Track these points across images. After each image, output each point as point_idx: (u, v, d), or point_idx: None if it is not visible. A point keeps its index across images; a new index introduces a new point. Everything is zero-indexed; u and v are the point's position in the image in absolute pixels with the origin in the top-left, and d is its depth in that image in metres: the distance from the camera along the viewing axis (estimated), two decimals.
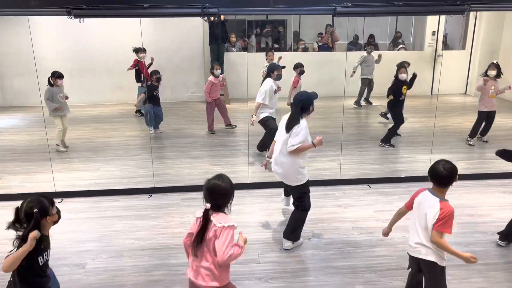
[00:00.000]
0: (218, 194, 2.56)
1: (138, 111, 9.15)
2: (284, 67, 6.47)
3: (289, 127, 3.89)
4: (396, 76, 7.00)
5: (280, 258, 3.96)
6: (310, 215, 4.65)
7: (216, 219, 2.55)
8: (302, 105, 3.91)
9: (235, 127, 7.89)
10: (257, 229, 4.45)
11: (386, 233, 3.24)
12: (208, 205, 2.55)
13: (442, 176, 2.84)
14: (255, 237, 4.30)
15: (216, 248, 2.51)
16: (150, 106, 7.44)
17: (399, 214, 3.17)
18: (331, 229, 4.45)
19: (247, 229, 4.44)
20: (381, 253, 4.02)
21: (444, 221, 2.76)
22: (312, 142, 3.88)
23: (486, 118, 7.07)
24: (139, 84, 8.73)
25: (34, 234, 2.46)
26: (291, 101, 5.11)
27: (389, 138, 7.04)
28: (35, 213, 2.51)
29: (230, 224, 2.54)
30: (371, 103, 9.69)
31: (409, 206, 3.06)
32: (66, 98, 6.71)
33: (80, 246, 4.17)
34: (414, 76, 7.17)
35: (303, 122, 3.88)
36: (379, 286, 3.56)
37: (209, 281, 2.60)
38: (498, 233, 4.15)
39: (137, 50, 8.54)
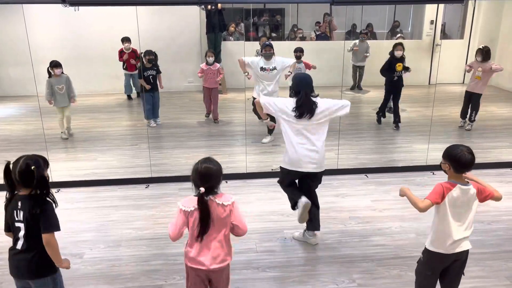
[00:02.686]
0: (211, 177, 2.54)
1: (129, 97, 9.20)
2: (271, 45, 6.30)
3: (307, 111, 3.55)
4: (392, 53, 7.06)
5: (278, 248, 3.98)
6: None
7: (222, 199, 2.56)
8: (309, 84, 3.67)
9: (218, 123, 7.75)
10: (255, 219, 4.45)
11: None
12: (203, 189, 2.50)
13: (469, 162, 2.67)
14: (253, 227, 4.30)
15: (238, 223, 2.62)
16: (146, 94, 7.35)
17: (420, 205, 2.75)
18: (328, 219, 4.46)
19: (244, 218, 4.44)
20: (378, 243, 4.03)
21: (483, 188, 2.78)
22: None
23: (471, 100, 7.11)
24: (124, 71, 9.01)
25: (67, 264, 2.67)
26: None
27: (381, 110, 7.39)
28: (34, 169, 2.44)
29: (233, 199, 2.62)
30: (361, 89, 9.92)
31: (438, 200, 2.70)
32: (73, 101, 6.77)
33: (77, 236, 4.17)
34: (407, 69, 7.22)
35: (319, 99, 3.65)
36: (376, 275, 3.58)
37: (227, 258, 2.67)
38: None
39: (122, 40, 8.62)
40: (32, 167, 2.45)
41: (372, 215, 4.53)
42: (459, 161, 2.66)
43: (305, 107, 3.56)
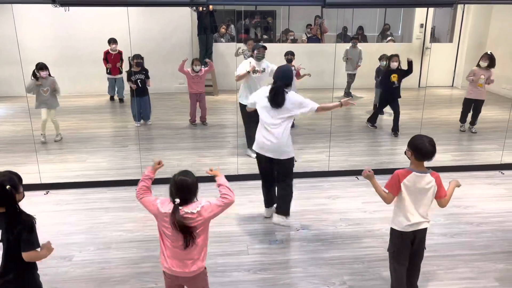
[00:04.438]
0: (186, 189, 2.59)
1: (111, 98, 9.16)
2: (265, 47, 6.19)
3: (276, 102, 3.93)
4: (388, 65, 7.10)
5: (269, 250, 3.97)
6: (299, 206, 4.68)
7: (190, 208, 2.58)
8: (287, 79, 4.02)
9: (206, 125, 7.71)
10: (246, 221, 4.45)
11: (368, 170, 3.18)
12: (178, 200, 2.56)
13: (429, 151, 2.96)
14: (244, 229, 4.30)
15: (216, 213, 2.63)
16: (134, 97, 7.33)
17: (385, 197, 3.10)
18: (319, 221, 4.47)
19: (235, 220, 4.44)
20: (369, 244, 4.05)
21: (442, 186, 3.00)
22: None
23: (473, 106, 7.23)
24: (108, 76, 9.00)
25: (49, 247, 2.55)
26: None
27: (373, 118, 7.46)
28: (9, 189, 2.36)
29: (200, 205, 2.61)
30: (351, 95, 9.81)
31: (396, 192, 3.04)
32: (56, 91, 6.57)
33: (66, 238, 4.13)
34: (409, 62, 7.17)
35: (291, 92, 4.00)
36: (367, 277, 3.59)
37: (199, 265, 2.67)
38: None
39: (109, 41, 8.58)
40: (7, 187, 2.36)
41: (362, 217, 4.55)
42: (420, 151, 2.95)
43: (276, 99, 3.93)
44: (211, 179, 2.85)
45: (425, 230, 3.11)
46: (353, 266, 3.72)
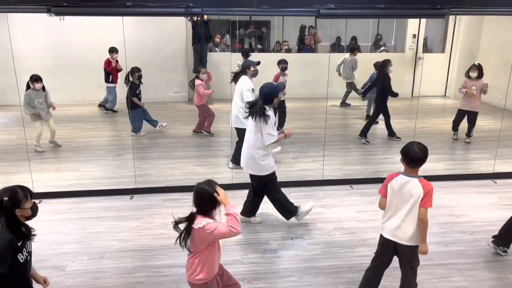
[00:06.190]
0: (203, 198, 2.61)
1: (101, 105, 9.10)
2: (259, 63, 6.23)
3: (252, 114, 4.13)
4: (385, 71, 7.15)
5: (263, 259, 3.97)
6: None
7: (197, 221, 2.61)
8: (265, 96, 4.13)
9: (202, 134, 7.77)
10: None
11: None
12: (195, 209, 2.60)
13: (418, 157, 2.97)
14: (238, 238, 4.29)
15: (217, 237, 2.64)
16: (138, 109, 7.38)
17: (382, 206, 3.17)
18: (314, 230, 4.47)
19: None
20: (363, 253, 4.05)
21: (429, 196, 2.91)
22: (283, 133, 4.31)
23: (467, 118, 7.32)
24: (110, 85, 8.89)
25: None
26: None
27: (391, 131, 7.42)
28: (5, 201, 2.36)
29: (205, 222, 2.59)
30: (348, 105, 9.86)
31: (384, 194, 3.11)
32: (53, 108, 6.61)
33: (59, 248, 4.09)
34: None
35: (271, 114, 4.11)
36: None
37: (195, 276, 2.72)
38: (493, 237, 4.08)
39: (111, 50, 8.58)
40: (5, 199, 2.37)
41: (357, 225, 4.56)
42: (408, 155, 3.00)
43: (253, 111, 4.13)
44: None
45: (406, 247, 3.00)
46: (347, 275, 3.72)
